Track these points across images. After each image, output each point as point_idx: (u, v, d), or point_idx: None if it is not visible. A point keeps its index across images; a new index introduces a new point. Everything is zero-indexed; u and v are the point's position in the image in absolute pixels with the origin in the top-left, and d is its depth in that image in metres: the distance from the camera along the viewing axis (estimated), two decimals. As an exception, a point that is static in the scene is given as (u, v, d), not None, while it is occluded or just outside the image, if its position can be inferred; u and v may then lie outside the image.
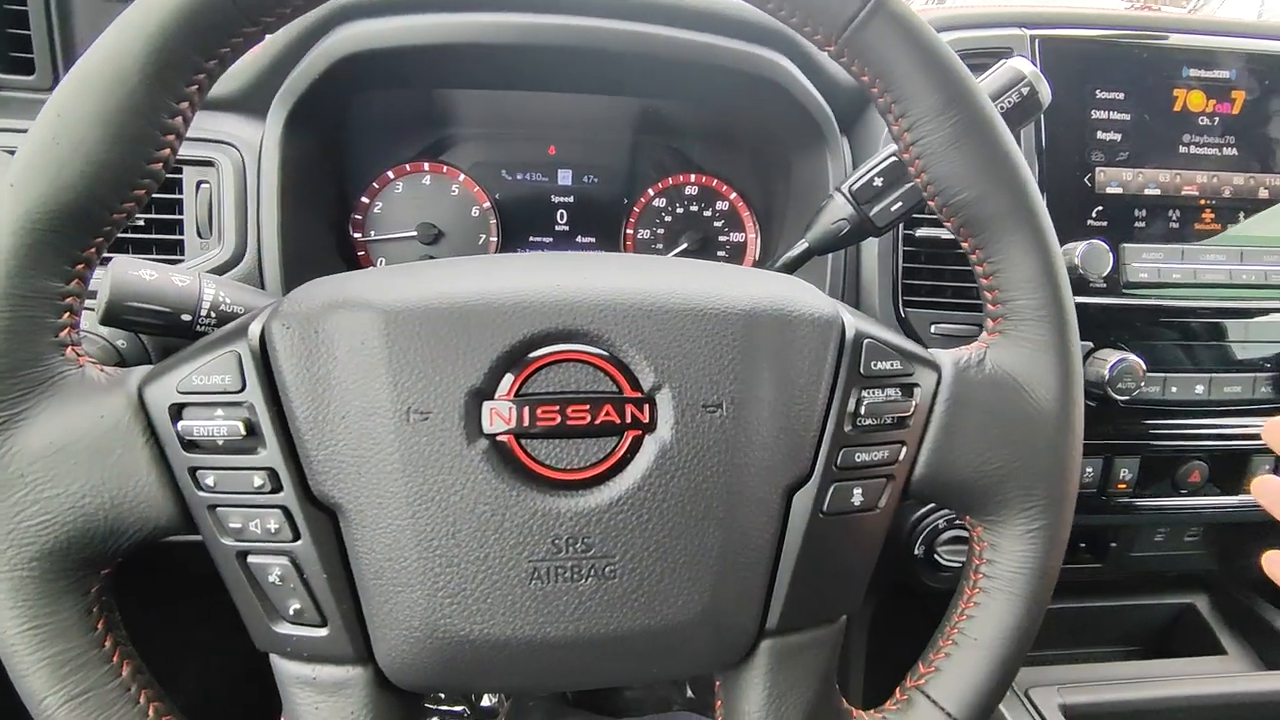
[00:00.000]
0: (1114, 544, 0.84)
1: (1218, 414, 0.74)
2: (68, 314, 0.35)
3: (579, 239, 0.84)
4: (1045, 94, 0.54)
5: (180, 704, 0.37)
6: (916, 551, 0.75)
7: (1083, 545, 0.86)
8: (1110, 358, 0.68)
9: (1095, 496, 0.75)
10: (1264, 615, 0.89)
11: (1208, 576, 0.94)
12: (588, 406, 0.35)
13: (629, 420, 0.35)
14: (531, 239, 0.84)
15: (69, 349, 0.35)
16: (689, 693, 1.23)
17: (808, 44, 0.69)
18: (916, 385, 0.40)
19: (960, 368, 0.41)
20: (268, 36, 0.66)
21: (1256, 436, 0.75)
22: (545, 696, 1.00)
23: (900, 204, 0.56)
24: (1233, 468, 0.77)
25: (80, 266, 0.34)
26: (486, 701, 1.29)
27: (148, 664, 0.37)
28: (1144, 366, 0.68)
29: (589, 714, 0.98)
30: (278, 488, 0.34)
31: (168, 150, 0.35)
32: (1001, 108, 0.53)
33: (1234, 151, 0.72)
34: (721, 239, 0.85)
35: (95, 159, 0.33)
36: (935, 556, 0.74)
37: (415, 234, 0.78)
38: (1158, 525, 0.83)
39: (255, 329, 0.36)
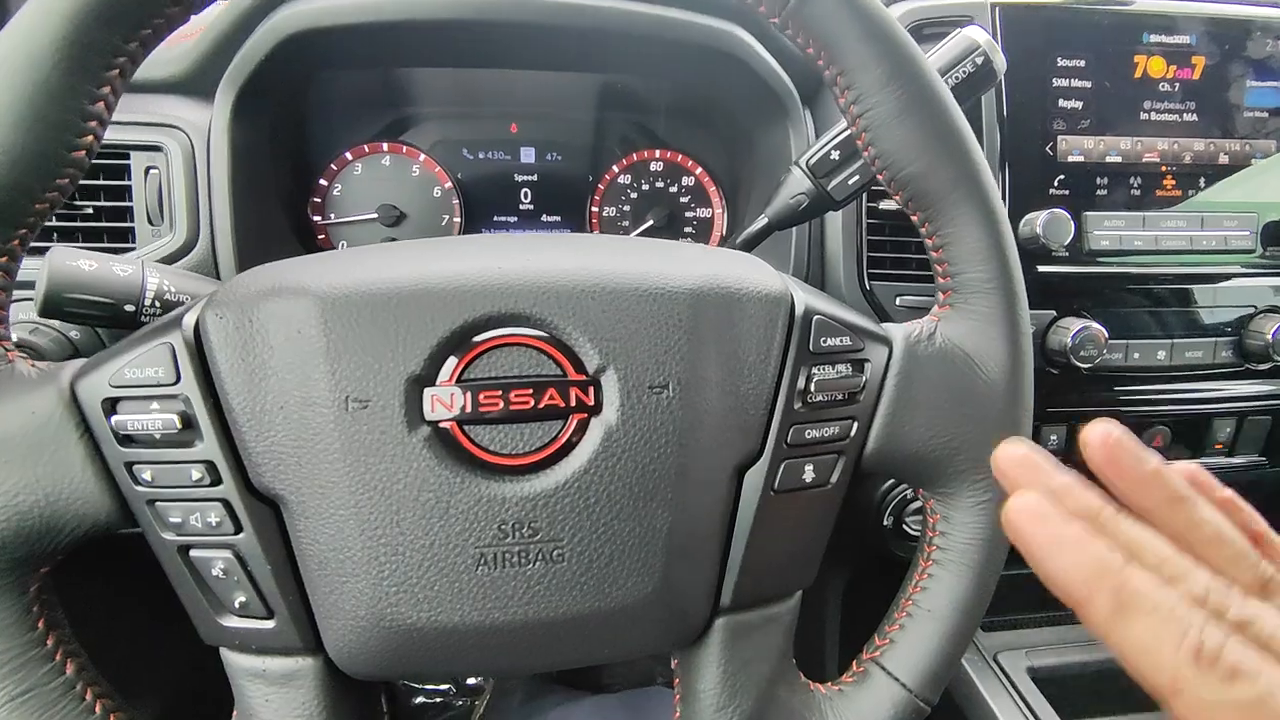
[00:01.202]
0: (1081, 509, 0.85)
1: (1180, 379, 0.74)
2: None
3: (544, 218, 0.83)
4: (1000, 63, 0.53)
5: (133, 701, 0.37)
6: (885, 522, 0.75)
7: (1051, 512, 0.87)
8: (1072, 326, 0.68)
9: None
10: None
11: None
12: (531, 391, 0.35)
13: (574, 404, 0.35)
14: (496, 219, 0.83)
15: None
16: (674, 666, 1.24)
17: (765, 15, 0.68)
18: (867, 360, 0.40)
19: (911, 342, 0.41)
20: (213, 15, 0.65)
21: (1218, 400, 0.76)
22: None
23: (857, 177, 0.56)
24: (1195, 432, 0.78)
25: (3, 259, 0.33)
26: (472, 680, 1.30)
27: (97, 662, 0.36)
28: (1106, 334, 0.68)
29: (569, 689, 0.99)
30: (217, 480, 0.34)
31: (90, 138, 0.34)
32: (955, 78, 0.53)
33: (1194, 117, 0.72)
34: (688, 215, 0.85)
35: (13, 147, 0.32)
36: (904, 527, 0.75)
37: (376, 216, 0.77)
38: (1123, 490, 0.84)
39: (190, 319, 0.35)
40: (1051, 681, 0.74)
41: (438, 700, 1.29)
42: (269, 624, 0.35)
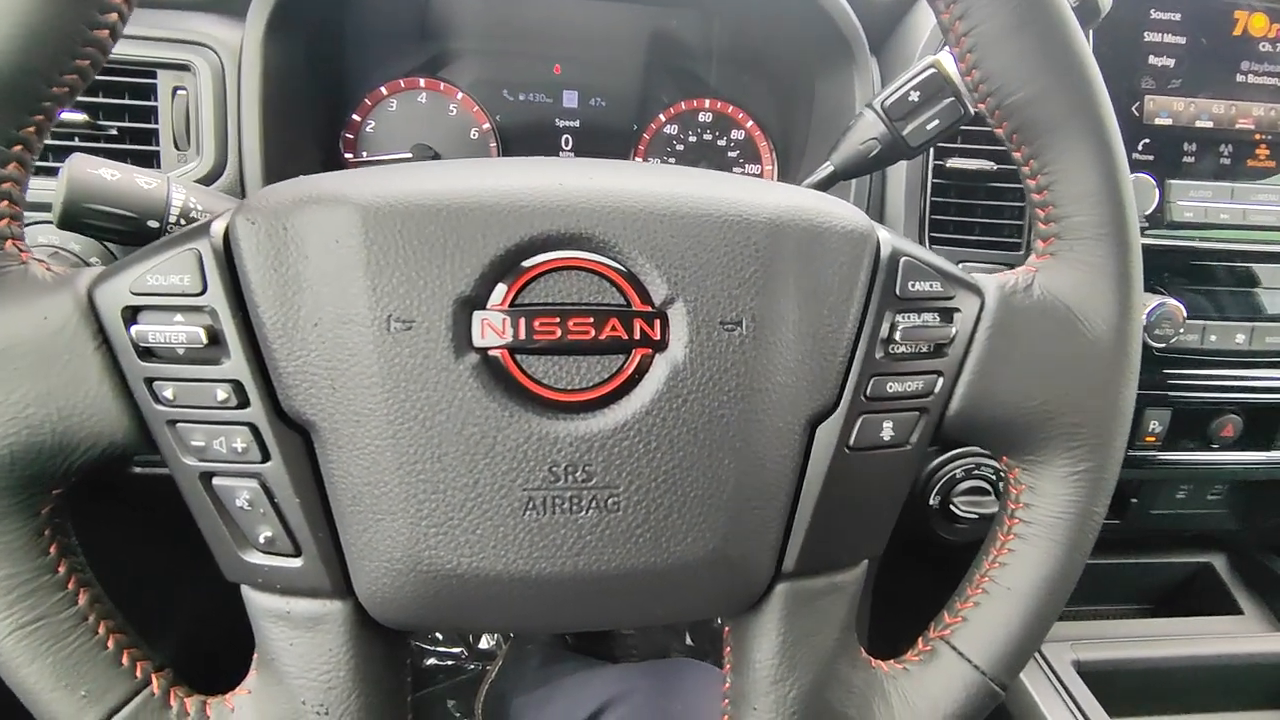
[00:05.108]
0: (1134, 500, 0.81)
1: (1258, 365, 0.70)
2: (6, 202, 0.30)
3: (585, 167, 0.79)
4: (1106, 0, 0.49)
5: (147, 636, 0.34)
6: (931, 502, 0.72)
7: (1102, 501, 0.83)
8: (1149, 302, 0.64)
9: (1122, 449, 0.72)
10: (1283, 575, 0.86)
11: (1226, 536, 0.91)
12: (591, 320, 0.31)
13: (638, 336, 0.31)
14: (534, 166, 0.79)
15: (9, 242, 0.31)
16: (688, 640, 1.22)
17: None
18: (957, 310, 0.36)
19: (1006, 293, 0.37)
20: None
21: (1297, 390, 0.71)
22: (543, 639, 0.99)
23: (937, 122, 0.51)
24: (1269, 422, 0.73)
25: (18, 148, 0.30)
26: (484, 644, 1.29)
27: (112, 594, 0.34)
28: (1184, 312, 0.64)
29: (586, 658, 0.97)
30: (244, 402, 0.31)
31: (115, 16, 0.30)
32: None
33: (1297, 81, 0.66)
34: (736, 170, 0.80)
35: (26, 21, 0.28)
36: (951, 507, 0.71)
37: (410, 155, 0.74)
38: (1183, 481, 0.80)
39: (219, 226, 0.31)
40: (1099, 677, 0.71)
41: (449, 663, 1.28)
42: (295, 562, 0.32)
